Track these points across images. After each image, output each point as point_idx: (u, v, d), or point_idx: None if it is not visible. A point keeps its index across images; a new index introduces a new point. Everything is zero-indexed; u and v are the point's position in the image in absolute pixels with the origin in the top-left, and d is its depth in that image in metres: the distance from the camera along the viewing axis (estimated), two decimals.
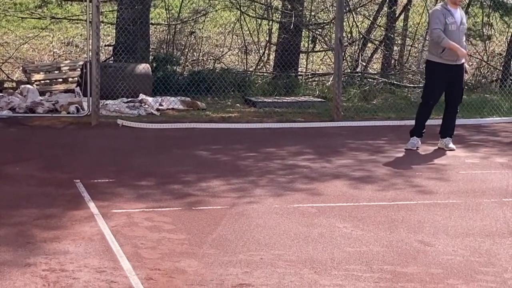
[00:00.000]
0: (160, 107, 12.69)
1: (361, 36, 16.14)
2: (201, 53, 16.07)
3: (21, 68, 14.61)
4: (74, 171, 8.21)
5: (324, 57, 16.70)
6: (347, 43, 15.65)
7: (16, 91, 12.92)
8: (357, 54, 16.20)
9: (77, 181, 7.72)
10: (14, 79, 14.47)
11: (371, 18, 16.43)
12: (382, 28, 16.55)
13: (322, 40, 16.19)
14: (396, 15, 16.36)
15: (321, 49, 16.73)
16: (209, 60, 15.90)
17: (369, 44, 16.69)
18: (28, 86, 12.94)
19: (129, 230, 6.11)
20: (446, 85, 9.69)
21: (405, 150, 9.86)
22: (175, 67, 14.68)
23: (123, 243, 5.75)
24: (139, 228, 6.19)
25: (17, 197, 7.04)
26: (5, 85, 13.97)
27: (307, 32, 16.18)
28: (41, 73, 13.80)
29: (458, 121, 10.52)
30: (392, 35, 16.01)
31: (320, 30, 16.12)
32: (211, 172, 8.32)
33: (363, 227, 6.37)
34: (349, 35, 15.88)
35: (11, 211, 6.58)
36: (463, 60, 9.67)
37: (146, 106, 12.52)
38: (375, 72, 16.22)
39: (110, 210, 6.67)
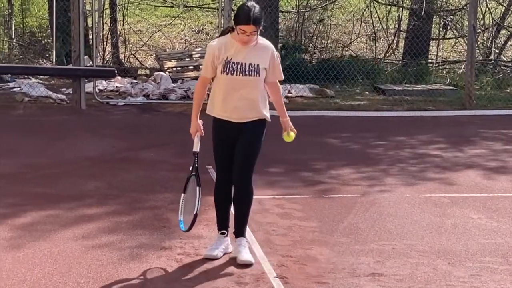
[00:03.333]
0: (289, 95, 12.74)
1: (495, 22, 15.69)
2: (329, 41, 16.01)
3: (154, 55, 14.97)
4: (206, 157, 8.31)
5: (456, 44, 16.34)
6: (479, 30, 15.25)
7: (150, 78, 13.27)
8: (490, 41, 15.77)
9: (208, 167, 7.83)
10: (147, 66, 14.84)
11: (505, 4, 15.94)
12: None
13: (454, 27, 15.84)
14: None
15: (452, 36, 16.38)
16: (337, 48, 15.82)
17: (503, 31, 16.20)
18: (161, 73, 13.25)
19: (261, 216, 6.18)
20: None
21: None
22: (303, 55, 14.69)
23: (255, 229, 5.82)
24: (271, 214, 6.25)
25: (152, 182, 7.24)
26: (139, 72, 14.36)
27: (438, 19, 15.86)
28: (173, 60, 14.09)
29: None
30: None
31: (451, 16, 15.78)
32: (340, 160, 8.30)
33: (498, 218, 6.21)
34: (482, 21, 15.47)
35: (146, 195, 6.78)
36: None
37: None
38: (509, 60, 15.75)
39: None
